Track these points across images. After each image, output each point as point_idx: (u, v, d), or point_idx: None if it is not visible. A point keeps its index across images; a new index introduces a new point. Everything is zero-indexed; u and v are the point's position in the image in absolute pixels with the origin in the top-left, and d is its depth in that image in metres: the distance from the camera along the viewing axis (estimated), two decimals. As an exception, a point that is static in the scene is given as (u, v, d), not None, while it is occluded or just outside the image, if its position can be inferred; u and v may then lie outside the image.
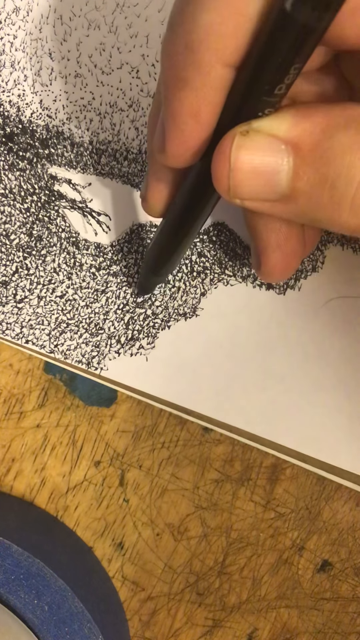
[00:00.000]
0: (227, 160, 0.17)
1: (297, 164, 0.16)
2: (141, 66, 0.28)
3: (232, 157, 0.17)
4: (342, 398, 0.28)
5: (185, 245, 0.24)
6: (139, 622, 0.30)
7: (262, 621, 0.30)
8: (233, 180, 0.17)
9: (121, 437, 0.30)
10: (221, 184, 0.17)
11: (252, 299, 0.29)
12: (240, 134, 0.17)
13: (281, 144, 0.16)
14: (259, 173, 0.17)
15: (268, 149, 0.16)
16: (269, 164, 0.17)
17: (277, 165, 0.16)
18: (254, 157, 0.17)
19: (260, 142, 0.16)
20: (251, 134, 0.16)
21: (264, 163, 0.17)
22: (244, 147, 0.17)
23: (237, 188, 0.17)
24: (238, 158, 0.17)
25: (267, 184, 0.17)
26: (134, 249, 0.29)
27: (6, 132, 0.29)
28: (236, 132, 0.17)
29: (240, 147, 0.17)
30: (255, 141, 0.16)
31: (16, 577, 0.26)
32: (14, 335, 0.30)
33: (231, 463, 0.29)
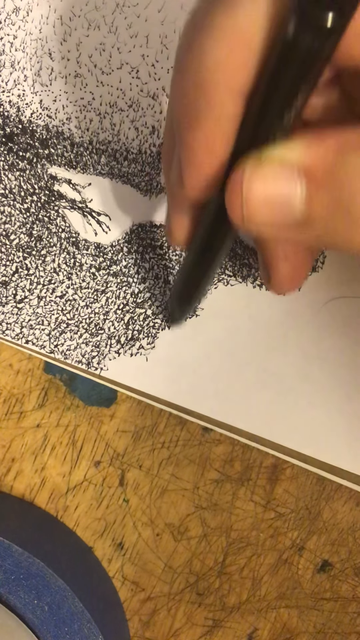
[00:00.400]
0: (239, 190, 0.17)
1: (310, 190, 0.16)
2: (141, 66, 0.28)
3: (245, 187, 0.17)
4: (342, 398, 0.28)
5: (212, 273, 0.24)
6: (139, 622, 0.30)
7: (262, 621, 0.30)
8: (247, 210, 0.17)
9: (121, 437, 0.30)
10: (235, 214, 0.17)
11: (252, 299, 0.29)
12: (251, 164, 0.17)
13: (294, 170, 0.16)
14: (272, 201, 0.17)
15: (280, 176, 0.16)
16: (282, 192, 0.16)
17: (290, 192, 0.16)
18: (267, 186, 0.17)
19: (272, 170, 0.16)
20: (263, 163, 0.16)
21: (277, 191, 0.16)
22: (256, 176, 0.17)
23: (251, 217, 0.17)
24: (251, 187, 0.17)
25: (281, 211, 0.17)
26: (134, 249, 0.29)
27: (6, 132, 0.29)
28: (247, 162, 0.17)
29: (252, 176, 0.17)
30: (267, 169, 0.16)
31: (16, 577, 0.26)
32: (14, 335, 0.30)
33: (231, 463, 0.29)
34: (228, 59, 0.16)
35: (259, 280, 0.29)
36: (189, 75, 0.16)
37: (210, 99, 0.16)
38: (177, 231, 0.23)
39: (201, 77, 0.16)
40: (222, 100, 0.16)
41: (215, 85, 0.16)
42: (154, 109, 0.28)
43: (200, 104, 0.17)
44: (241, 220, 0.17)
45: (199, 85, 0.16)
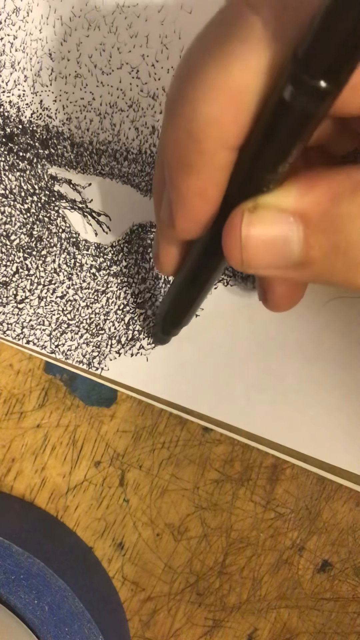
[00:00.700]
0: (237, 237, 0.17)
1: (307, 234, 0.17)
2: (141, 66, 0.28)
3: (243, 233, 0.17)
4: (342, 398, 0.28)
5: (198, 302, 0.24)
6: (139, 622, 0.30)
7: (262, 621, 0.30)
8: (245, 255, 0.17)
9: (121, 437, 0.30)
10: (234, 259, 0.18)
11: (252, 299, 0.29)
12: (248, 211, 0.17)
13: (289, 216, 0.17)
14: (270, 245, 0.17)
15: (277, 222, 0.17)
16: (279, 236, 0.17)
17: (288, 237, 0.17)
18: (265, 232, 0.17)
19: (268, 216, 0.17)
20: (259, 210, 0.17)
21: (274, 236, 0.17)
22: (253, 223, 0.17)
23: (250, 261, 0.18)
24: (249, 234, 0.17)
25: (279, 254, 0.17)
26: (134, 249, 0.29)
27: (6, 133, 0.29)
28: (244, 209, 0.17)
29: (250, 223, 0.17)
30: (263, 216, 0.17)
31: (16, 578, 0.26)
32: (15, 335, 0.30)
33: (231, 463, 0.29)
34: (221, 116, 0.16)
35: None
36: (181, 125, 0.17)
37: (202, 150, 0.17)
38: (165, 261, 0.23)
39: (194, 129, 0.16)
40: (214, 152, 0.17)
41: (208, 138, 0.16)
42: (154, 109, 0.28)
43: (192, 154, 0.17)
44: (240, 264, 0.18)
45: (192, 136, 0.16)
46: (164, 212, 0.20)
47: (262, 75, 0.15)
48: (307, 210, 0.16)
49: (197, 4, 0.27)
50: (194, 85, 0.16)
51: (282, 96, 0.14)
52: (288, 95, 0.14)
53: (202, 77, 0.16)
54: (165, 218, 0.20)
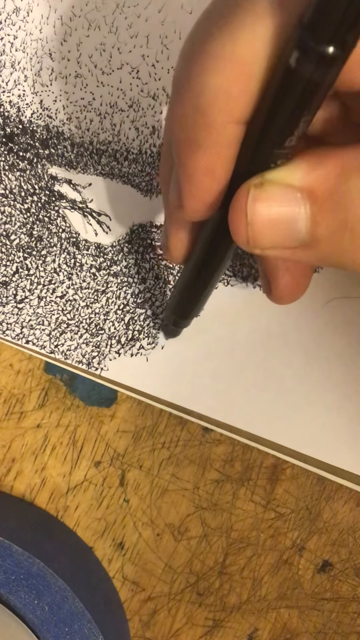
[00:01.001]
0: (243, 214, 0.17)
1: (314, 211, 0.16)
2: (141, 66, 0.28)
3: (249, 210, 0.17)
4: (342, 398, 0.28)
5: (209, 290, 0.24)
6: (139, 622, 0.30)
7: (263, 621, 0.30)
8: (252, 232, 0.17)
9: (121, 437, 0.30)
10: (240, 237, 0.17)
11: (252, 299, 0.29)
12: (254, 187, 0.17)
13: (296, 192, 0.16)
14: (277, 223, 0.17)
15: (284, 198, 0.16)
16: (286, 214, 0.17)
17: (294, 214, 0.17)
18: (271, 208, 0.17)
19: (275, 192, 0.17)
20: (265, 186, 0.17)
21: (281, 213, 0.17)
22: (260, 199, 0.17)
23: (256, 240, 0.17)
24: (254, 210, 0.17)
25: (286, 233, 0.17)
26: (134, 249, 0.29)
27: (6, 133, 0.29)
28: (250, 185, 0.17)
29: (256, 199, 0.17)
30: (270, 192, 0.17)
31: (16, 578, 0.26)
32: (15, 335, 0.30)
33: (231, 463, 0.29)
34: (229, 87, 0.16)
35: (259, 280, 0.29)
36: (188, 100, 0.16)
37: (210, 124, 0.16)
38: (175, 248, 0.23)
39: (201, 103, 0.16)
40: (222, 126, 0.16)
41: (216, 111, 0.16)
42: (154, 109, 0.28)
43: (200, 129, 0.17)
44: (246, 242, 0.17)
45: (199, 110, 0.16)
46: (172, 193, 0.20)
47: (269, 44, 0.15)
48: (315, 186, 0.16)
49: (197, 4, 0.27)
50: (201, 57, 0.16)
51: (289, 64, 0.14)
52: (294, 63, 0.14)
53: (208, 48, 0.16)
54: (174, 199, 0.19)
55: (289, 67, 0.14)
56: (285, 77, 0.15)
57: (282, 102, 0.15)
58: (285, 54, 0.14)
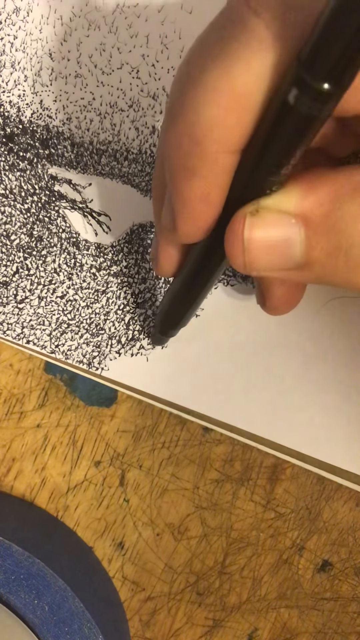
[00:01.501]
0: (240, 240, 0.17)
1: (309, 236, 0.17)
2: (141, 66, 0.28)
3: (245, 237, 0.17)
4: (342, 398, 0.28)
5: (197, 304, 0.24)
6: (139, 622, 0.30)
7: (262, 621, 0.30)
8: (248, 257, 0.17)
9: (121, 437, 0.30)
10: (237, 262, 0.18)
11: (252, 299, 0.29)
12: (250, 214, 0.17)
13: (291, 218, 0.17)
14: (272, 248, 0.17)
15: (279, 224, 0.17)
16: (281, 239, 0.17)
17: (289, 239, 0.17)
18: (267, 234, 0.17)
19: (270, 219, 0.17)
20: (261, 213, 0.17)
21: (276, 238, 0.17)
22: (256, 225, 0.17)
23: (252, 264, 0.18)
24: (251, 236, 0.17)
25: (281, 256, 0.17)
26: (134, 249, 0.29)
27: (6, 133, 0.29)
28: (246, 212, 0.17)
29: (252, 226, 0.17)
30: (265, 219, 0.17)
31: (16, 577, 0.26)
32: (15, 335, 0.30)
33: (231, 463, 0.29)
34: (223, 118, 0.16)
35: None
36: (183, 129, 0.17)
37: (205, 153, 0.17)
38: (165, 263, 0.23)
39: (196, 133, 0.16)
40: (216, 155, 0.17)
41: (211, 141, 0.16)
42: (154, 109, 0.28)
43: (195, 157, 0.17)
44: (243, 267, 0.18)
45: (194, 140, 0.16)
46: (165, 216, 0.20)
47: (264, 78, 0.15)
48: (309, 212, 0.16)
49: (197, 4, 0.27)
50: (196, 88, 0.16)
51: (286, 99, 0.14)
52: (292, 98, 0.14)
53: (204, 80, 0.16)
54: (167, 222, 0.20)
55: (285, 102, 0.14)
56: (281, 111, 0.15)
57: (278, 134, 0.15)
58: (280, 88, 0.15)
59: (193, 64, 0.16)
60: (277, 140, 0.15)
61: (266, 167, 0.16)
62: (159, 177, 0.21)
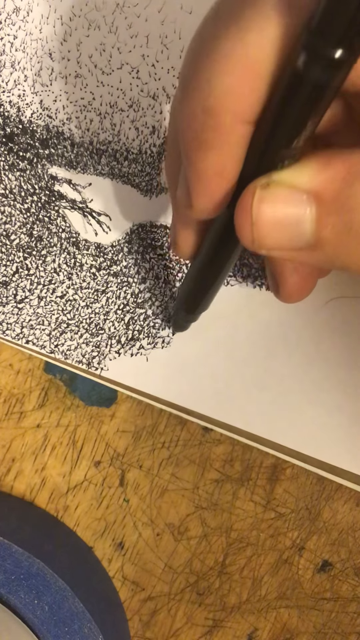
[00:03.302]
0: (249, 214, 0.17)
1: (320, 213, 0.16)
2: (141, 66, 0.28)
3: (254, 211, 0.17)
4: (342, 398, 0.28)
5: (217, 286, 0.24)
6: (139, 622, 0.30)
7: (262, 621, 0.30)
8: (257, 233, 0.17)
9: (121, 437, 0.30)
10: (245, 237, 0.17)
11: (252, 299, 0.29)
12: (260, 187, 0.17)
13: (303, 194, 0.16)
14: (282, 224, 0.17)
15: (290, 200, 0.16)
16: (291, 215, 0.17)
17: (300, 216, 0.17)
18: (276, 209, 0.17)
19: (281, 194, 0.17)
20: (272, 187, 0.17)
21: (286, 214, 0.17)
22: (266, 199, 0.17)
23: (261, 240, 0.17)
24: (260, 211, 0.17)
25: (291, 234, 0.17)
26: (134, 249, 0.29)
27: (6, 133, 0.29)
28: (257, 186, 0.17)
29: (262, 200, 0.17)
30: (276, 193, 0.17)
31: (16, 577, 0.26)
32: (15, 335, 0.30)
33: (231, 463, 0.29)
34: (237, 87, 0.16)
35: (258, 280, 0.29)
36: (197, 100, 0.16)
37: (219, 124, 0.16)
38: (183, 245, 0.23)
39: (210, 103, 0.16)
40: (231, 126, 0.16)
41: (225, 111, 0.16)
42: (154, 109, 0.28)
43: (209, 129, 0.17)
44: (251, 242, 0.17)
45: (208, 110, 0.16)
46: (180, 192, 0.20)
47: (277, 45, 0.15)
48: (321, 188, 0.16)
49: (197, 4, 0.27)
50: (209, 57, 0.16)
51: (297, 66, 0.14)
52: (302, 65, 0.14)
53: (217, 48, 0.16)
54: (182, 198, 0.19)
55: (296, 70, 0.14)
56: (293, 80, 0.15)
57: (290, 104, 0.15)
58: (293, 55, 0.14)
59: (206, 33, 0.16)
60: (289, 110, 0.15)
61: (279, 138, 0.16)
62: (171, 154, 0.21)
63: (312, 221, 0.16)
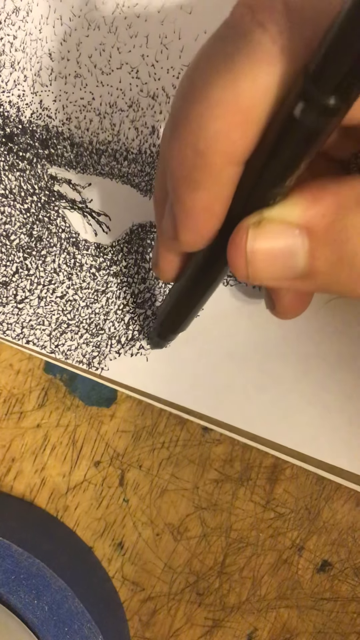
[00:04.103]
0: (243, 251, 0.17)
1: (312, 246, 0.17)
2: (141, 66, 0.28)
3: (248, 247, 0.17)
4: (342, 398, 0.28)
5: (197, 309, 0.24)
6: (139, 622, 0.30)
7: (262, 621, 0.30)
8: (252, 269, 0.17)
9: (121, 437, 0.30)
10: (240, 273, 0.18)
11: (252, 299, 0.29)
12: (253, 225, 0.17)
13: (295, 229, 0.17)
14: (275, 258, 0.17)
15: (282, 235, 0.17)
16: (284, 249, 0.17)
17: (293, 249, 0.17)
18: (269, 245, 0.17)
19: (273, 230, 0.17)
20: (264, 224, 0.17)
21: (280, 248, 0.17)
22: (259, 237, 0.17)
23: (256, 274, 0.18)
24: (254, 248, 0.17)
25: (284, 267, 0.17)
26: (134, 249, 0.29)
27: (6, 133, 0.29)
28: (249, 224, 0.17)
29: (255, 237, 0.17)
30: (268, 230, 0.17)
31: (16, 577, 0.26)
32: (15, 335, 0.30)
33: (231, 463, 0.29)
34: (228, 132, 0.16)
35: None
36: (187, 141, 0.17)
37: (209, 166, 0.16)
38: (165, 268, 0.23)
39: (201, 146, 0.16)
40: (221, 167, 0.16)
41: (215, 154, 0.16)
42: (153, 109, 0.28)
43: (198, 169, 0.17)
44: (246, 277, 0.18)
45: (198, 152, 0.16)
46: (166, 224, 0.20)
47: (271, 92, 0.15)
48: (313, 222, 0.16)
49: (197, 4, 0.27)
50: (201, 101, 0.16)
51: (292, 113, 0.14)
52: (298, 112, 0.14)
53: (209, 93, 0.16)
54: (168, 230, 0.20)
55: (291, 115, 0.14)
56: (287, 125, 0.15)
57: (284, 148, 0.15)
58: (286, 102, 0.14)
59: (197, 76, 0.16)
60: (282, 153, 0.15)
61: (270, 179, 0.16)
62: (160, 183, 0.21)
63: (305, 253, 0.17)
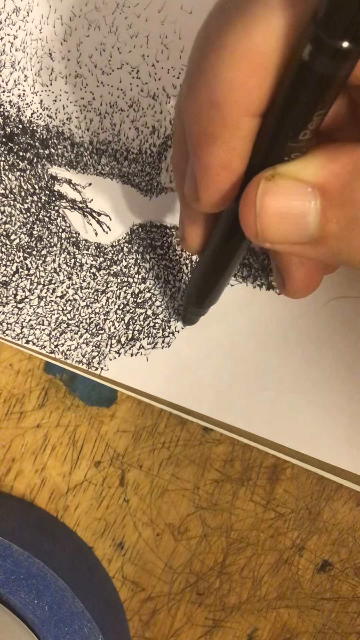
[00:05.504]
0: (252, 206, 0.17)
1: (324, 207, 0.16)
2: (141, 66, 0.28)
3: (258, 203, 0.17)
4: (342, 398, 0.28)
5: (226, 279, 0.24)
6: (139, 622, 0.30)
7: (262, 621, 0.30)
8: (260, 225, 0.17)
9: (121, 437, 0.30)
10: (249, 229, 0.17)
11: (252, 299, 0.29)
12: (265, 179, 0.17)
13: (307, 187, 0.16)
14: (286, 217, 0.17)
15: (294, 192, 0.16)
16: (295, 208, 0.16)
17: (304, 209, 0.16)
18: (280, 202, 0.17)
19: (285, 186, 0.16)
20: (276, 179, 0.16)
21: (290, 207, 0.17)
22: (270, 192, 0.17)
23: (265, 232, 0.17)
24: (264, 203, 0.17)
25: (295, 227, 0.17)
26: (134, 249, 0.29)
27: (6, 133, 0.29)
28: (261, 178, 0.17)
29: (266, 192, 0.17)
30: (280, 186, 0.16)
31: (16, 577, 0.26)
32: (15, 335, 0.30)
33: (231, 463, 0.29)
34: (244, 81, 0.16)
35: (258, 280, 0.29)
36: (203, 94, 0.16)
37: (226, 118, 0.16)
38: (191, 239, 0.23)
39: (216, 97, 0.16)
40: (238, 120, 0.16)
41: (231, 105, 0.16)
42: (154, 109, 0.28)
43: (215, 123, 0.17)
44: (255, 235, 0.17)
45: (214, 104, 0.16)
46: (187, 186, 0.20)
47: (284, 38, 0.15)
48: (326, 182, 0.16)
49: (197, 4, 0.27)
50: (215, 51, 0.16)
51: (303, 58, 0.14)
52: (308, 57, 0.14)
53: (223, 42, 0.16)
54: (190, 192, 0.19)
55: (303, 62, 0.14)
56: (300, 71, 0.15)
57: (297, 96, 0.15)
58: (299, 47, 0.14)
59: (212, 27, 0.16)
60: (296, 102, 0.15)
61: (286, 131, 0.16)
62: (178, 150, 0.21)
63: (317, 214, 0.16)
